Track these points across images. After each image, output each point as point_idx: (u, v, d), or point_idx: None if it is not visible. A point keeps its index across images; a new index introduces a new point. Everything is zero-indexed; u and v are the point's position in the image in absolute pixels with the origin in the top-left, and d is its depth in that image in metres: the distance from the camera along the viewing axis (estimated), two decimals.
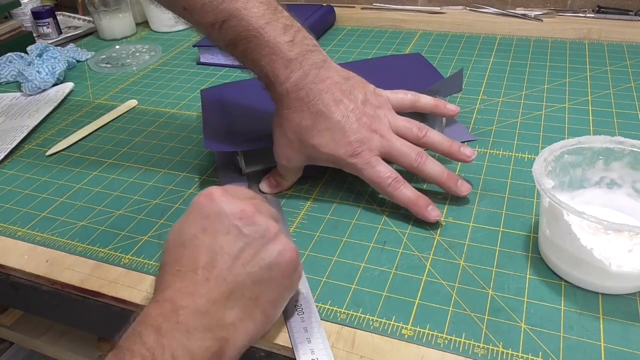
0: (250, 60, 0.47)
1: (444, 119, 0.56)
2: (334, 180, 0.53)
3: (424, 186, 0.51)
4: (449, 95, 0.60)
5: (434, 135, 0.49)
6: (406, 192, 0.46)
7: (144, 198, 0.53)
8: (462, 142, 0.56)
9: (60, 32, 1.00)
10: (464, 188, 0.48)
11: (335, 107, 0.46)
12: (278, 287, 0.35)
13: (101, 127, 0.68)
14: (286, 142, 0.48)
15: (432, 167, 0.47)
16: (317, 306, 0.40)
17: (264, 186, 0.53)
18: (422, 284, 0.41)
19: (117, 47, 0.94)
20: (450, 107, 0.53)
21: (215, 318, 0.32)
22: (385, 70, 0.63)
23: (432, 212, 0.46)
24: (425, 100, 0.52)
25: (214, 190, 0.37)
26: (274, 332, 0.38)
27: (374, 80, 0.61)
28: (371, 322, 0.38)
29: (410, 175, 0.49)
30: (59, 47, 0.88)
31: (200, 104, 0.67)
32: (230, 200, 0.36)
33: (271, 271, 0.35)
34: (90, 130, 0.67)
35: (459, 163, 0.54)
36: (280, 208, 0.50)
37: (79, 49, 0.92)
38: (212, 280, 0.33)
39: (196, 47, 0.84)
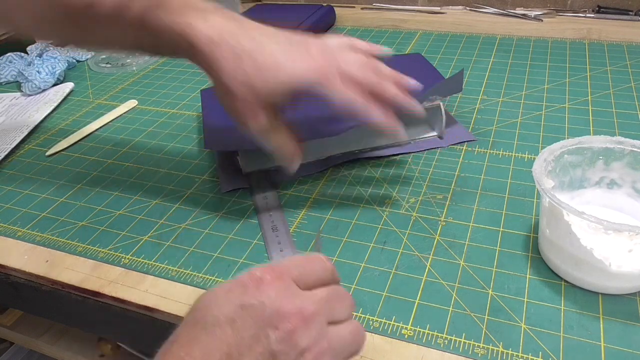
0: (165, 31, 0.40)
1: (443, 119, 0.56)
2: (333, 180, 0.53)
3: (424, 185, 0.51)
4: (449, 95, 0.61)
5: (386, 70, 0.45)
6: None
7: (144, 198, 0.53)
8: (462, 142, 0.57)
9: None
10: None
11: (275, 36, 0.41)
12: None
13: (101, 127, 0.68)
14: (237, 98, 0.40)
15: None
16: None
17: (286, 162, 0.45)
18: (422, 284, 0.41)
19: None
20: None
21: None
22: None
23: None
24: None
25: (269, 273, 0.28)
26: None
27: None
28: (371, 322, 0.38)
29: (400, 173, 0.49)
30: (59, 47, 0.88)
31: (200, 104, 0.67)
32: (282, 295, 0.28)
33: None
34: (90, 130, 0.67)
35: (459, 161, 0.54)
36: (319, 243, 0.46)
37: (79, 49, 0.92)
38: None
39: None
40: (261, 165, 0.55)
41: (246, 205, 0.51)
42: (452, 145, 0.56)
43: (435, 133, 0.58)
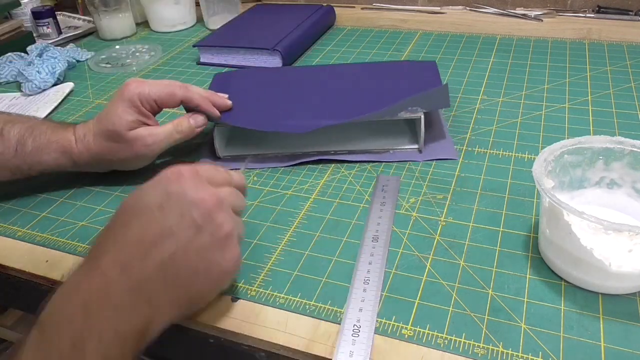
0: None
1: (422, 132, 0.54)
2: (333, 180, 0.53)
3: (424, 185, 0.51)
4: (434, 109, 0.60)
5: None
6: None
7: None
8: (440, 159, 0.55)
9: (60, 32, 1.00)
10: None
11: None
12: (211, 284, 0.37)
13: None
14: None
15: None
16: (317, 306, 0.40)
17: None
18: (422, 284, 0.41)
19: (117, 47, 0.94)
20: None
21: (145, 297, 0.32)
22: (383, 76, 0.63)
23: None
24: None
25: (184, 170, 0.36)
26: (273, 332, 0.38)
27: (367, 81, 0.61)
28: None
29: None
30: (59, 47, 0.88)
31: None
32: (196, 185, 0.36)
33: (210, 268, 0.35)
34: None
35: (459, 161, 0.54)
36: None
37: (79, 49, 0.92)
38: (150, 258, 0.33)
39: (196, 47, 0.84)
40: (237, 152, 0.58)
41: (246, 205, 0.51)
42: (428, 160, 0.55)
43: (416, 145, 0.56)
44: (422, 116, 0.53)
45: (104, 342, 0.30)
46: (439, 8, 0.98)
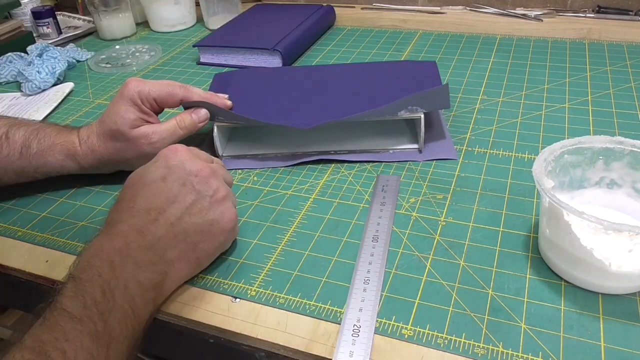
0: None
1: (422, 132, 0.54)
2: (333, 180, 0.53)
3: (424, 185, 0.51)
4: (434, 110, 0.59)
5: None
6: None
7: None
8: (440, 158, 0.55)
9: (60, 32, 1.00)
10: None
11: None
12: (214, 242, 0.42)
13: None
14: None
15: None
16: (317, 306, 0.40)
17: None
18: (422, 284, 0.41)
19: (117, 47, 0.94)
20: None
21: (159, 254, 0.38)
22: (383, 76, 0.63)
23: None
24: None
25: (180, 147, 0.43)
26: (273, 332, 0.38)
27: (367, 81, 0.61)
28: None
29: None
30: (59, 47, 0.88)
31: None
32: (192, 159, 0.42)
33: (212, 226, 0.41)
34: None
35: (459, 161, 0.54)
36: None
37: (79, 49, 0.92)
38: (161, 221, 0.39)
39: (196, 47, 0.84)
40: (237, 151, 0.58)
41: (246, 205, 0.51)
42: (428, 160, 0.55)
43: (415, 145, 0.56)
44: (422, 116, 0.53)
45: (128, 290, 0.35)
46: (439, 8, 0.98)
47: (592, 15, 0.89)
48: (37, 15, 0.97)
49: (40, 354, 0.30)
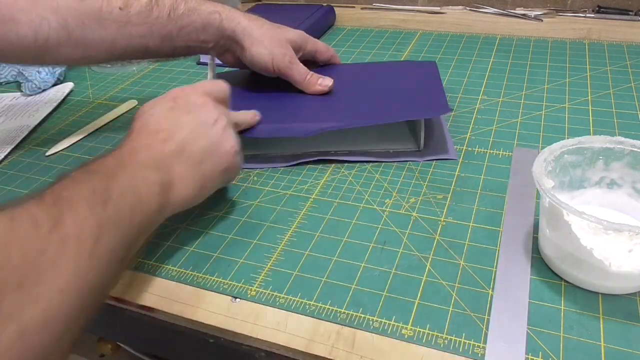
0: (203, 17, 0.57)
1: (422, 133, 0.54)
2: (334, 180, 0.53)
3: (424, 185, 0.51)
4: (435, 117, 0.59)
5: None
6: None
7: None
8: (441, 158, 0.55)
9: None
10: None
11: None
12: (217, 164, 0.44)
13: (101, 127, 0.68)
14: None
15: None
16: (317, 306, 0.40)
17: None
18: (422, 284, 0.41)
19: None
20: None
21: (166, 165, 0.41)
22: (383, 77, 0.63)
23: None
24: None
25: (188, 86, 0.47)
26: (273, 332, 0.38)
27: (367, 82, 0.61)
28: (371, 322, 0.38)
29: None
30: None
31: None
32: (197, 94, 0.46)
33: (215, 147, 0.44)
34: (90, 130, 0.67)
35: (459, 161, 0.54)
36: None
37: None
38: (169, 141, 0.42)
39: None
40: (253, 151, 0.57)
41: (246, 205, 0.51)
42: (428, 160, 0.55)
43: (415, 146, 0.56)
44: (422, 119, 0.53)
45: (134, 180, 0.37)
46: (439, 8, 0.98)
47: (592, 15, 0.89)
48: None
49: (37, 195, 0.31)
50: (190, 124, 0.43)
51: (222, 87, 0.49)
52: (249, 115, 0.53)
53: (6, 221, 0.28)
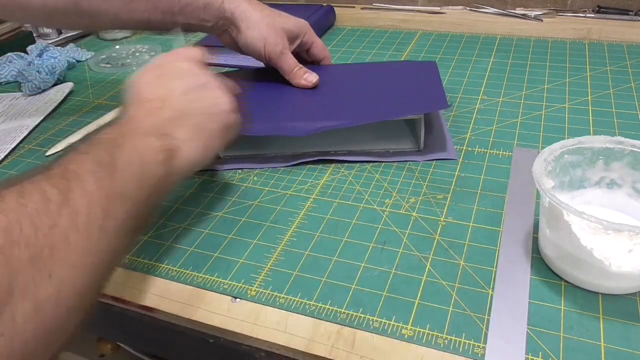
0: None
1: (422, 133, 0.54)
2: (334, 180, 0.53)
3: (424, 185, 0.51)
4: (433, 111, 0.59)
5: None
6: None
7: None
8: (440, 159, 0.55)
9: (60, 32, 1.00)
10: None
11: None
12: (218, 122, 0.44)
13: (101, 127, 0.68)
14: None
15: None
16: (317, 306, 0.40)
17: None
18: (422, 284, 0.41)
19: (117, 47, 0.94)
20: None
21: (168, 131, 0.41)
22: (383, 77, 0.63)
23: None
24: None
25: (169, 54, 0.47)
26: (273, 332, 0.38)
27: (367, 83, 0.61)
28: (371, 322, 0.38)
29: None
30: (59, 47, 0.88)
31: None
32: (180, 59, 0.46)
33: (212, 107, 0.44)
34: (90, 130, 0.67)
35: (459, 161, 0.54)
36: None
37: (79, 49, 0.92)
38: (166, 107, 0.42)
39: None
40: (237, 152, 0.57)
41: (246, 205, 0.51)
42: (428, 160, 0.55)
43: (415, 146, 0.56)
44: (422, 116, 0.53)
45: (138, 148, 0.37)
46: (439, 8, 0.98)
47: (592, 15, 0.89)
48: None
49: (44, 169, 0.32)
50: (182, 87, 0.43)
51: (199, 52, 0.49)
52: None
53: (16, 196, 0.28)
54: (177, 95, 0.43)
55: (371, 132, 0.58)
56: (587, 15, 0.89)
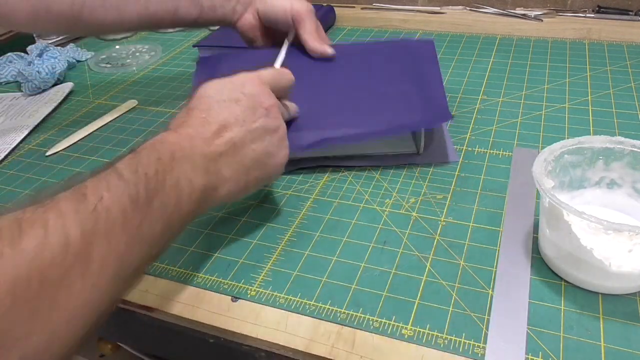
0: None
1: (422, 136, 0.54)
2: (334, 180, 0.53)
3: (424, 185, 0.51)
4: (435, 126, 0.59)
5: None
6: None
7: None
8: (441, 161, 0.54)
9: None
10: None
11: None
12: (265, 173, 0.43)
13: (101, 127, 0.68)
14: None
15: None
16: (317, 306, 0.40)
17: None
18: (422, 284, 0.41)
19: (117, 47, 0.94)
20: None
21: (215, 168, 0.39)
22: (378, 64, 0.60)
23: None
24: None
25: (259, 80, 0.44)
26: (273, 332, 0.38)
27: (362, 73, 0.59)
28: (371, 322, 0.38)
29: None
30: (59, 47, 0.88)
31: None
32: (266, 93, 0.43)
33: (268, 158, 0.43)
34: (90, 130, 0.67)
35: (459, 161, 0.54)
36: None
37: (79, 48, 0.92)
38: (226, 138, 0.40)
39: (196, 47, 0.84)
40: None
41: (246, 205, 0.51)
42: (428, 163, 0.54)
43: (415, 148, 0.56)
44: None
45: (179, 183, 0.36)
46: (439, 8, 0.98)
47: (592, 15, 0.89)
48: None
49: (79, 193, 0.30)
50: (252, 124, 0.41)
51: (289, 79, 0.47)
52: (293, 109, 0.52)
53: (40, 234, 0.27)
54: (242, 131, 0.41)
55: None
56: (587, 15, 0.89)
